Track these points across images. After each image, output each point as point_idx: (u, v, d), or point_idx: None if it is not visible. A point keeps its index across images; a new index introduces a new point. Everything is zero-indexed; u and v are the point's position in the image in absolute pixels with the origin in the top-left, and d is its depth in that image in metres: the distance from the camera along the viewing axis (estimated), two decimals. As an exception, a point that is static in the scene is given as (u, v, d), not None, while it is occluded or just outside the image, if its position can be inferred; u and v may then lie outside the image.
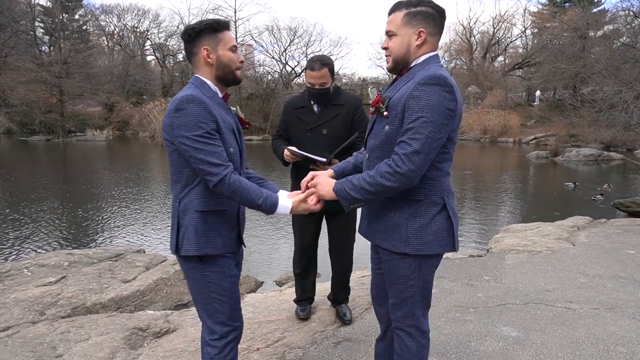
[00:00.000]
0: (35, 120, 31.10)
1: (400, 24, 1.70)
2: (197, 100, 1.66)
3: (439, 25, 1.72)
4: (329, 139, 2.77)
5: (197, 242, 1.72)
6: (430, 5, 1.69)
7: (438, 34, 1.73)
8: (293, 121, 2.89)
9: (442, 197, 1.71)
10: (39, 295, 3.46)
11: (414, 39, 1.69)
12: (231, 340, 1.82)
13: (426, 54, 1.71)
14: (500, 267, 4.34)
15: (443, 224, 1.71)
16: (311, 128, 2.81)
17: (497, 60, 41.15)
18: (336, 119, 2.79)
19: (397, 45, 1.71)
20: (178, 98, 1.69)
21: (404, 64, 1.73)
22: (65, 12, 39.01)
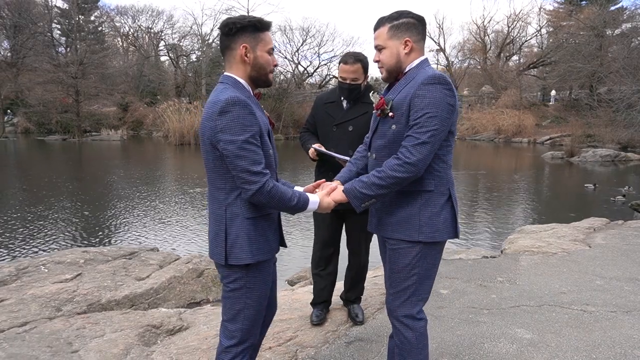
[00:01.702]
0: (52, 120, 31.66)
1: (386, 37, 1.85)
2: (243, 103, 1.61)
3: (422, 32, 1.89)
4: (354, 135, 2.75)
5: (250, 250, 1.68)
6: (410, 16, 1.85)
7: (422, 40, 1.88)
8: (321, 115, 2.91)
9: (447, 187, 1.85)
10: (56, 291, 3.51)
11: (402, 48, 1.85)
12: (247, 347, 1.80)
13: (416, 59, 1.86)
14: (515, 268, 4.29)
15: (449, 213, 1.85)
16: (338, 123, 2.82)
17: (511, 60, 40.69)
18: (363, 117, 2.76)
19: (387, 57, 1.87)
20: (222, 100, 1.61)
21: (397, 71, 1.89)
22: (82, 14, 39.63)
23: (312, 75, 38.01)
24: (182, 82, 37.95)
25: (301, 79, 37.53)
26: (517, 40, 39.48)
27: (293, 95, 32.62)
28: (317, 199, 1.84)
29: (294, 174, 13.38)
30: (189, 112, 25.50)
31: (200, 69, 37.82)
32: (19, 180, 13.24)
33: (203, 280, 4.28)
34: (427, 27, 1.94)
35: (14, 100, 33.15)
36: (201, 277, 4.31)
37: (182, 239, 7.15)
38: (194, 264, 4.44)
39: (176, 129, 25.10)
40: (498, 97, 33.40)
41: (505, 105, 31.46)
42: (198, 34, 40.54)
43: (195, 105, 26.23)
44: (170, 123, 25.57)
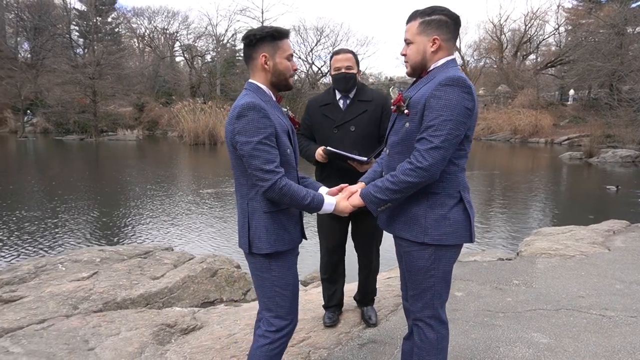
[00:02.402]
0: (70, 120, 32.22)
1: (415, 32, 1.82)
2: (257, 107, 1.75)
3: (453, 32, 1.83)
4: (356, 135, 2.70)
5: (268, 241, 1.82)
6: (444, 13, 1.79)
7: (452, 40, 1.83)
8: (318, 119, 2.81)
9: (458, 190, 1.81)
10: (73, 289, 3.57)
11: (429, 46, 1.80)
12: (285, 334, 1.90)
13: (443, 59, 1.82)
14: (531, 271, 4.22)
15: (460, 216, 1.80)
16: (338, 125, 2.73)
17: (528, 59, 40.08)
18: (364, 115, 2.72)
19: (413, 53, 1.84)
20: (239, 105, 1.77)
21: (422, 68, 1.85)
22: (99, 15, 40.26)
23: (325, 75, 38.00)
24: (196, 83, 38.30)
25: (315, 79, 37.53)
26: (534, 39, 38.87)
27: (307, 95, 32.63)
28: (333, 202, 1.89)
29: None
30: (204, 112, 25.71)
31: (215, 69, 38.13)
32: (37, 179, 13.51)
33: (217, 280, 4.30)
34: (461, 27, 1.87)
35: (33, 100, 33.83)
36: (215, 276, 4.34)
37: (196, 238, 7.21)
38: (208, 263, 4.47)
39: (191, 129, 25.33)
40: (514, 96, 32.95)
41: (521, 104, 31.02)
42: (213, 34, 40.91)
43: (209, 106, 26.43)
44: (185, 123, 25.82)
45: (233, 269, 4.51)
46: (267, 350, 1.86)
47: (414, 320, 1.93)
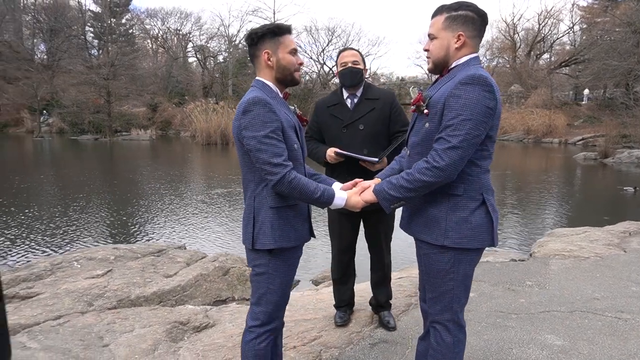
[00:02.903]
0: (85, 120, 32.66)
1: (440, 27, 1.76)
2: (263, 102, 1.75)
3: (479, 29, 1.77)
4: (365, 134, 2.69)
5: (273, 236, 1.81)
6: (470, 9, 1.74)
7: (478, 37, 1.79)
8: (327, 119, 2.80)
9: (481, 193, 1.75)
10: (88, 287, 3.63)
11: (453, 42, 1.75)
12: (270, 329, 1.91)
13: (466, 56, 1.77)
14: (544, 272, 4.17)
15: (482, 219, 1.75)
16: (347, 124, 2.72)
17: (542, 58, 39.61)
18: (372, 114, 2.71)
19: (437, 48, 1.78)
20: (245, 101, 1.78)
21: (444, 65, 1.79)
22: (113, 17, 40.77)
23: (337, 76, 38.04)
24: (209, 83, 38.57)
25: (326, 79, 37.54)
26: (548, 38, 38.42)
27: (318, 95, 32.65)
28: (345, 196, 1.88)
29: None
30: (216, 112, 25.87)
31: (227, 70, 38.36)
32: (53, 178, 13.73)
33: (229, 279, 4.34)
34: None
35: (49, 101, 34.38)
36: (227, 275, 4.37)
37: (208, 237, 7.26)
38: (220, 262, 4.51)
39: (203, 129, 25.51)
40: (528, 96, 32.57)
41: (535, 104, 30.65)
42: (225, 35, 41.15)
43: (221, 106, 26.60)
44: (198, 123, 26.01)
45: (245, 267, 4.54)
46: (254, 345, 1.88)
47: (431, 322, 1.90)
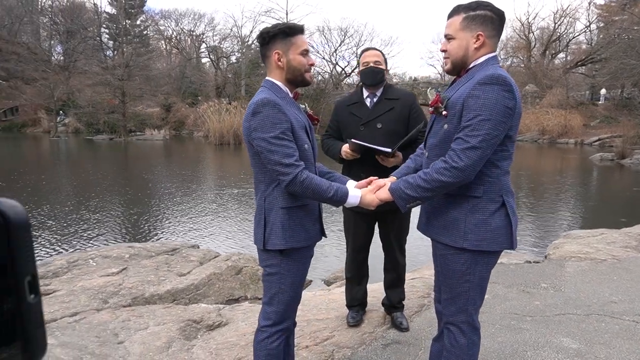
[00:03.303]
0: (100, 121, 33.09)
1: (458, 27, 1.73)
2: (272, 103, 1.75)
3: (498, 28, 1.75)
4: (383, 132, 2.69)
5: (284, 237, 1.81)
6: (489, 9, 1.71)
7: (497, 37, 1.76)
8: (346, 118, 2.84)
9: (500, 195, 1.73)
10: (103, 284, 3.68)
11: (472, 42, 1.72)
12: (282, 329, 1.91)
13: (485, 56, 1.74)
14: (560, 274, 4.12)
15: (502, 222, 1.72)
16: (365, 122, 2.74)
17: (557, 57, 39.03)
18: (391, 113, 2.72)
19: (455, 49, 1.75)
20: (254, 102, 1.78)
21: (462, 66, 1.77)
22: (128, 18, 41.27)
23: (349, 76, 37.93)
24: (222, 83, 38.78)
25: (339, 79, 37.50)
26: (564, 37, 37.83)
27: (330, 95, 32.65)
28: (359, 194, 1.86)
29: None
30: (229, 113, 26.02)
31: (240, 70, 38.54)
32: (69, 177, 13.95)
33: (241, 278, 4.36)
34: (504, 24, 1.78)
35: (65, 101, 34.93)
36: (239, 274, 4.39)
37: (221, 236, 7.31)
38: (233, 261, 4.53)
39: (216, 129, 25.67)
40: (543, 96, 32.13)
41: (550, 104, 30.22)
42: (238, 35, 41.35)
43: (234, 106, 26.74)
44: (211, 123, 26.18)
45: (257, 267, 4.56)
46: (266, 344, 1.89)
47: (445, 323, 1.89)
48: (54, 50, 42.25)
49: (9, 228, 0.30)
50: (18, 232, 0.31)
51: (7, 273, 0.30)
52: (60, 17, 40.30)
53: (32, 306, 0.31)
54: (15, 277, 0.30)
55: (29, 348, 0.31)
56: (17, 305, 0.30)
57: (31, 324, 0.31)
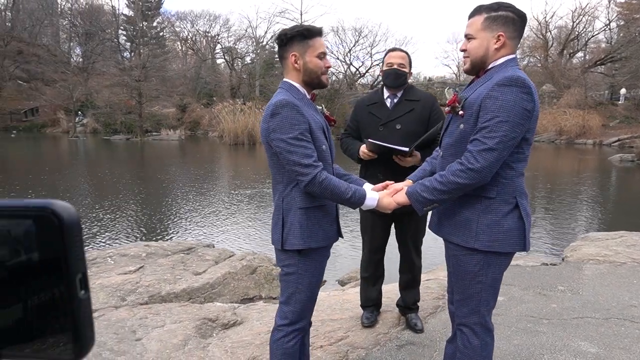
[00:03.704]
0: (117, 121, 33.60)
1: (479, 28, 1.73)
2: (290, 104, 1.76)
3: (519, 29, 1.75)
4: (402, 133, 2.68)
5: (302, 237, 1.83)
6: (511, 10, 1.71)
7: (517, 38, 1.76)
8: (365, 117, 2.84)
9: (514, 196, 1.72)
10: (121, 282, 3.75)
11: (493, 42, 1.72)
12: (299, 329, 1.92)
13: (504, 57, 1.74)
14: (578, 277, 4.06)
15: (515, 223, 1.72)
16: (384, 123, 2.74)
17: (575, 57, 38.34)
18: (410, 114, 2.71)
19: (475, 48, 1.75)
20: (272, 103, 1.79)
21: (481, 66, 1.77)
22: (145, 20, 41.82)
23: (363, 76, 37.87)
24: (236, 84, 39.03)
25: (353, 79, 37.44)
26: (582, 36, 37.14)
27: (345, 95, 32.63)
28: (376, 197, 1.87)
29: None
30: (243, 113, 26.20)
31: (255, 71, 38.74)
32: (88, 177, 14.20)
33: (256, 277, 4.39)
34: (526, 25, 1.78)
35: (84, 102, 35.56)
36: (254, 274, 4.43)
37: (236, 236, 7.37)
38: (248, 260, 4.57)
39: (231, 129, 25.86)
40: (560, 96, 31.61)
41: (568, 104, 29.72)
42: (252, 36, 41.58)
43: (249, 106, 26.91)
44: (225, 123, 26.39)
45: (272, 266, 4.59)
46: (282, 343, 1.91)
47: (458, 324, 1.89)
48: (73, 52, 43.13)
49: (63, 229, 0.32)
50: (71, 232, 0.33)
51: (61, 270, 0.32)
52: (79, 19, 41.08)
53: (83, 301, 0.34)
54: (68, 274, 0.32)
55: (79, 340, 0.34)
56: (69, 301, 0.33)
57: (82, 318, 0.34)
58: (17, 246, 0.33)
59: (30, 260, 0.33)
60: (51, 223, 0.33)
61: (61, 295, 0.33)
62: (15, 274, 0.33)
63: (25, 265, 0.33)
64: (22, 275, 0.33)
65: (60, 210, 0.33)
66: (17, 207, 0.33)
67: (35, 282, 0.33)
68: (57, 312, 0.33)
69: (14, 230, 0.33)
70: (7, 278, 0.33)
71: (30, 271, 0.33)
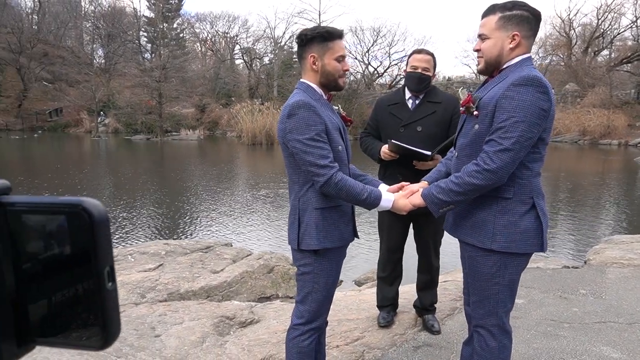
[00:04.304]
0: (138, 121, 34.20)
1: (493, 27, 1.71)
2: (307, 105, 1.77)
3: (534, 28, 1.72)
4: (423, 136, 2.66)
5: (318, 237, 1.83)
6: (525, 9, 1.69)
7: (532, 37, 1.74)
8: (386, 118, 2.81)
9: (531, 196, 1.71)
10: (141, 279, 3.82)
11: (507, 42, 1.70)
12: (314, 328, 1.93)
13: (519, 56, 1.72)
14: (600, 281, 3.96)
15: (532, 224, 1.70)
16: (405, 124, 2.71)
17: (600, 55, 37.38)
18: (432, 116, 2.69)
19: (489, 48, 1.73)
20: (289, 104, 1.80)
21: (496, 66, 1.75)
22: (166, 22, 42.41)
23: (382, 76, 37.68)
24: (255, 84, 39.30)
25: (371, 79, 37.29)
26: (607, 33, 36.19)
27: (363, 95, 32.55)
28: (392, 198, 1.87)
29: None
30: (261, 113, 26.35)
31: (273, 71, 38.95)
32: (109, 176, 14.50)
33: (273, 277, 4.42)
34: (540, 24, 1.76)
35: (106, 102, 36.31)
36: (271, 273, 4.46)
37: (254, 235, 7.42)
38: (265, 260, 4.60)
39: (249, 129, 26.05)
40: (584, 95, 30.89)
41: (592, 104, 29.02)
42: (271, 37, 41.80)
43: (267, 106, 27.06)
44: (244, 123, 26.59)
45: (289, 266, 4.61)
46: (298, 342, 1.92)
47: (475, 326, 1.87)
48: (95, 53, 44.01)
49: (93, 224, 0.34)
50: (100, 228, 0.35)
51: (90, 263, 0.35)
52: (102, 21, 41.92)
53: (110, 292, 0.36)
54: (97, 267, 0.35)
55: (106, 329, 0.36)
56: (98, 292, 0.35)
57: (109, 308, 0.36)
58: (50, 240, 0.35)
59: (62, 254, 0.35)
60: (82, 219, 0.35)
61: (90, 286, 0.35)
62: (49, 266, 0.35)
63: (58, 258, 0.35)
64: (55, 268, 0.35)
65: (90, 207, 0.35)
66: (51, 204, 0.36)
67: (67, 274, 0.35)
68: (86, 302, 0.35)
69: (49, 226, 0.35)
70: (42, 270, 0.36)
71: (62, 264, 0.35)
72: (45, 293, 0.36)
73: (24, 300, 0.36)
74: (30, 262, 0.35)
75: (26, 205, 0.36)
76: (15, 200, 0.36)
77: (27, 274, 0.36)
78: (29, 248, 0.36)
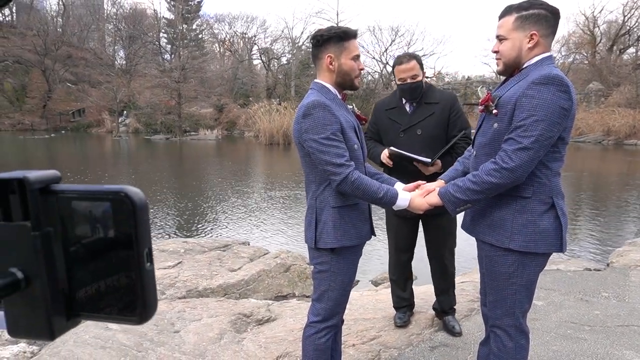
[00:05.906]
0: (157, 121, 34.78)
1: (511, 28, 1.69)
2: (322, 105, 1.78)
3: (553, 26, 1.69)
4: (423, 139, 2.64)
5: (335, 236, 1.84)
6: (543, 7, 1.66)
7: (551, 35, 1.70)
8: (385, 123, 2.79)
9: (550, 196, 1.69)
10: (160, 276, 3.89)
11: (526, 42, 1.68)
12: (330, 326, 1.94)
13: (539, 56, 1.69)
14: (623, 284, 3.88)
15: (551, 224, 1.68)
16: (405, 129, 2.69)
17: (626, 53, 36.40)
18: (431, 118, 2.66)
19: (507, 49, 1.71)
20: (304, 105, 1.82)
21: (515, 66, 1.73)
22: (185, 23, 43.02)
23: (399, 75, 37.41)
24: (272, 84, 39.52)
25: (389, 79, 37.11)
26: (634, 31, 35.21)
27: (380, 95, 32.40)
28: (408, 197, 1.87)
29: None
30: (279, 113, 26.49)
31: (290, 71, 39.10)
32: (130, 174, 14.77)
33: (290, 275, 4.45)
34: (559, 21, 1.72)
35: (127, 103, 37.03)
36: (288, 272, 4.49)
37: (271, 234, 7.47)
38: (282, 259, 4.64)
39: (266, 129, 26.21)
40: (609, 94, 30.14)
41: (617, 103, 28.29)
42: (289, 37, 41.97)
43: (284, 107, 27.18)
44: (261, 123, 26.77)
45: (305, 265, 4.63)
46: (315, 339, 1.93)
47: (491, 326, 1.85)
48: (117, 55, 44.91)
49: (135, 209, 0.38)
50: (141, 213, 0.38)
51: (132, 245, 0.38)
52: (123, 23, 42.79)
53: (148, 272, 0.39)
54: (138, 249, 0.38)
55: (144, 305, 0.39)
56: (138, 271, 0.38)
57: (147, 286, 0.39)
58: (96, 224, 0.39)
59: (106, 237, 0.39)
60: (125, 205, 0.38)
61: (131, 266, 0.38)
62: (94, 248, 0.39)
63: (102, 241, 0.39)
64: (99, 249, 0.39)
65: (132, 194, 0.38)
66: (97, 191, 0.39)
67: (110, 255, 0.39)
68: (127, 281, 0.39)
69: (94, 211, 0.39)
70: (88, 251, 0.39)
71: (106, 246, 0.39)
72: (91, 272, 0.39)
73: (72, 279, 0.40)
74: (78, 244, 0.39)
75: (75, 192, 0.39)
76: (65, 188, 0.39)
77: (75, 254, 0.39)
78: (77, 231, 0.39)
